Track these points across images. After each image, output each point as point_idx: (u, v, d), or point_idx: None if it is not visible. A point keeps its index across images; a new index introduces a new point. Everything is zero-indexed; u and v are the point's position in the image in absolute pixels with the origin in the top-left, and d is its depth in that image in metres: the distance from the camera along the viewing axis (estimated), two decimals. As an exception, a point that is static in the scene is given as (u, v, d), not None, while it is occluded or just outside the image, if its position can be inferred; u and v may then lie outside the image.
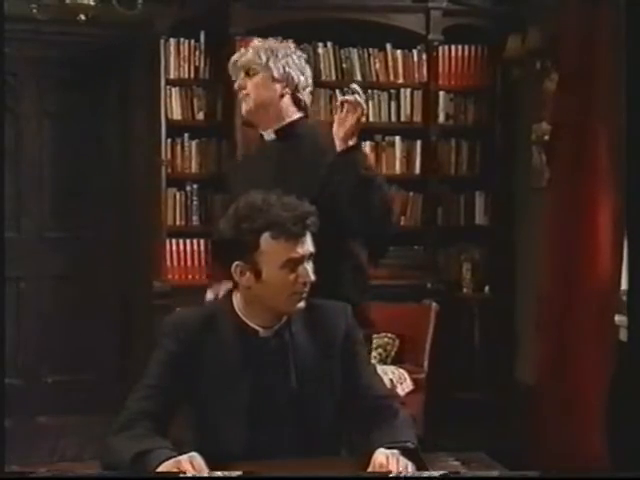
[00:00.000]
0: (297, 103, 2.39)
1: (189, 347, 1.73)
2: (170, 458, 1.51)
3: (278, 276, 1.69)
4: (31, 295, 4.39)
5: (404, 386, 3.48)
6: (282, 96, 2.35)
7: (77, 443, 3.74)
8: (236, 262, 1.72)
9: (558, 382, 3.49)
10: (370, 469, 1.55)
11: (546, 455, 3.30)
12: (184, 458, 1.49)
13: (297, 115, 2.39)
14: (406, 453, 1.58)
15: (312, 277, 1.72)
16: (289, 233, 1.68)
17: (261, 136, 2.41)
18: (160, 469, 1.48)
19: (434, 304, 3.83)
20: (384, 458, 1.54)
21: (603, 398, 3.12)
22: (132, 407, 1.68)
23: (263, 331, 1.76)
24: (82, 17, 3.19)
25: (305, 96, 2.42)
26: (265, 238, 1.68)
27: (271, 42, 2.41)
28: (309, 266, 1.72)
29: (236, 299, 1.78)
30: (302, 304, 1.75)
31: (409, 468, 1.54)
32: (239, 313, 1.77)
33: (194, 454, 1.51)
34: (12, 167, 4.20)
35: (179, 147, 4.17)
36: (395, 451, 1.57)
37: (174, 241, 4.14)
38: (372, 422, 1.70)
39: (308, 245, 1.72)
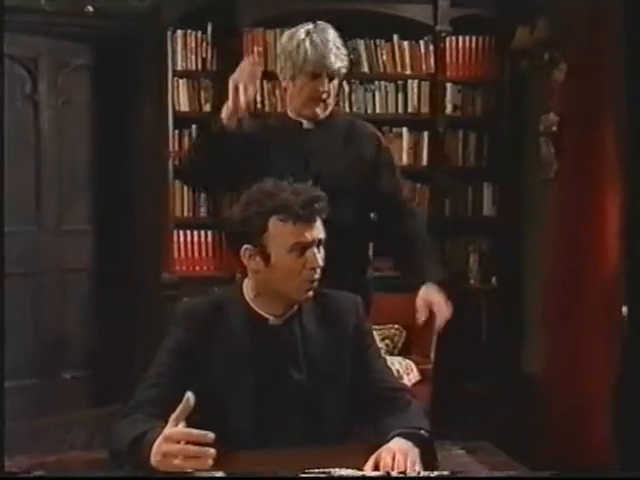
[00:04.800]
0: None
1: (198, 335, 1.73)
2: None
3: (286, 260, 1.70)
4: (47, 288, 4.40)
5: (411, 377, 3.49)
6: None
7: (86, 434, 3.76)
8: (245, 246, 1.72)
9: (565, 374, 3.49)
10: (370, 465, 1.53)
11: (552, 447, 3.31)
12: (165, 432, 1.48)
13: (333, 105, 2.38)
14: (419, 443, 1.58)
15: (321, 263, 1.72)
16: (297, 216, 1.68)
17: (294, 121, 2.36)
18: (153, 449, 1.48)
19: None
20: (390, 458, 1.52)
21: (610, 390, 3.13)
22: (139, 395, 1.69)
23: (273, 319, 1.77)
24: (90, 9, 3.20)
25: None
26: (273, 221, 1.69)
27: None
28: (318, 252, 1.72)
29: (246, 287, 1.79)
30: (311, 293, 1.75)
31: (417, 465, 1.53)
32: (249, 301, 1.77)
33: (171, 429, 1.48)
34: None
35: (186, 139, 4.18)
36: (405, 442, 1.57)
37: (182, 232, 4.16)
38: (384, 411, 1.71)
39: (318, 231, 1.71)
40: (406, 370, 3.49)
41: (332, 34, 2.29)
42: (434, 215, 4.32)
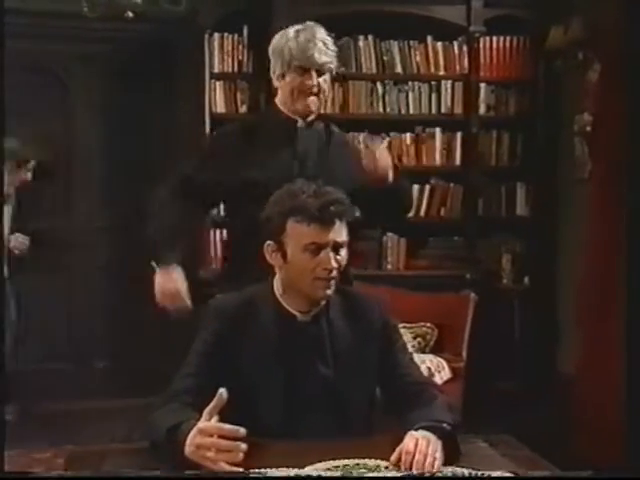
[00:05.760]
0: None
1: (230, 329, 1.80)
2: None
3: (301, 259, 1.77)
4: (81, 283, 4.54)
5: (442, 374, 3.52)
6: None
7: (126, 425, 3.86)
8: (268, 242, 1.82)
9: (598, 373, 3.49)
10: (396, 454, 1.59)
11: (583, 446, 3.31)
12: (199, 425, 1.55)
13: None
14: (442, 435, 1.63)
15: (334, 264, 1.76)
16: (312, 218, 1.74)
17: (290, 119, 2.38)
18: (188, 440, 1.55)
19: (473, 294, 3.86)
20: (412, 444, 1.57)
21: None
22: (175, 384, 1.77)
23: (301, 316, 1.83)
24: (130, 14, 3.30)
25: None
26: (291, 221, 1.77)
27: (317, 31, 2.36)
28: (334, 254, 1.77)
29: (276, 284, 1.86)
30: (330, 291, 1.80)
31: (438, 454, 1.57)
32: (278, 298, 1.84)
33: (204, 423, 1.55)
34: (63, 160, 4.36)
35: (223, 139, 4.27)
36: (428, 433, 1.61)
37: (218, 231, 4.23)
38: (409, 405, 1.76)
39: (335, 233, 1.77)
40: (437, 368, 3.52)
41: (320, 32, 2.34)
42: (467, 215, 4.35)
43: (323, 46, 2.32)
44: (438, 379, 3.45)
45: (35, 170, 3.98)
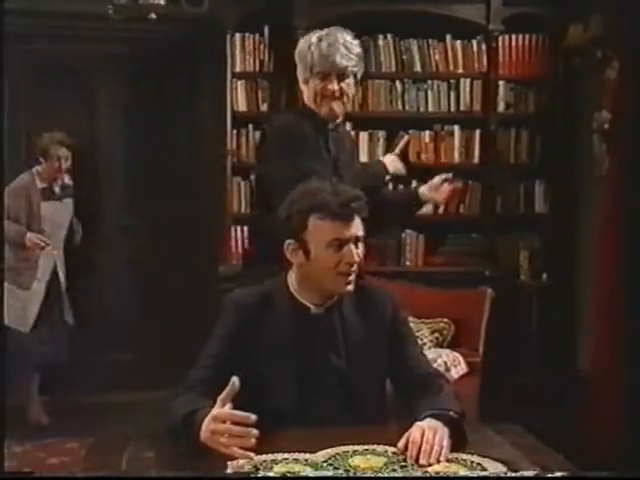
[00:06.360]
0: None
1: (247, 322, 1.87)
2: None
3: (324, 255, 1.82)
4: (109, 280, 4.64)
5: (458, 369, 3.56)
6: None
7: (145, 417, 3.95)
8: (288, 240, 1.87)
9: (615, 370, 3.50)
10: (403, 441, 1.65)
11: (600, 443, 3.33)
12: (213, 412, 1.61)
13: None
14: (448, 422, 1.68)
15: (356, 258, 1.83)
16: (335, 215, 1.80)
17: (323, 121, 2.45)
18: (203, 426, 1.62)
19: (489, 290, 3.89)
20: (419, 434, 1.63)
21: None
22: (192, 374, 1.84)
23: (314, 308, 1.89)
24: (153, 16, 3.37)
25: None
26: (313, 219, 1.82)
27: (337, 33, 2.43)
28: (355, 248, 1.84)
29: (290, 278, 1.92)
30: (350, 287, 1.86)
31: (445, 442, 1.63)
32: (293, 291, 1.91)
33: (218, 410, 1.61)
34: (88, 158, 4.45)
35: (244, 138, 4.33)
36: (434, 422, 1.67)
37: (239, 227, 4.30)
38: (417, 395, 1.81)
39: (355, 228, 1.83)
40: (453, 362, 3.56)
41: (342, 37, 2.39)
42: (486, 212, 4.38)
43: (345, 50, 2.37)
44: (454, 373, 3.49)
45: (69, 166, 4.02)
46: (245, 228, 4.30)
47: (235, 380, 1.62)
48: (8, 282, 3.90)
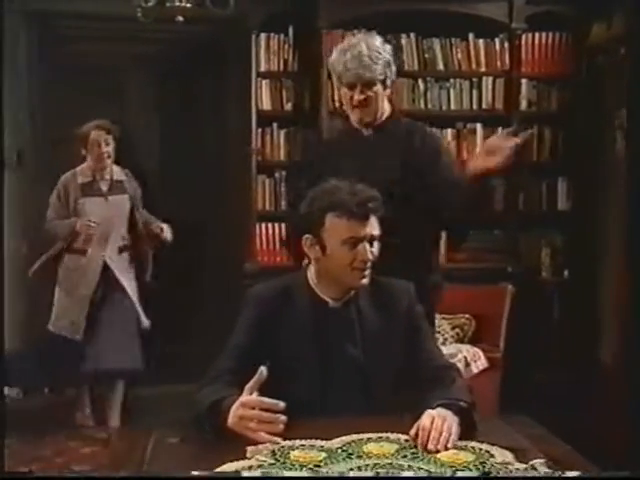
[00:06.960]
0: (389, 98, 2.56)
1: (268, 315, 1.96)
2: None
3: (339, 252, 1.91)
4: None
5: (478, 364, 3.61)
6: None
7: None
8: (306, 235, 1.95)
9: (637, 367, 3.52)
10: (414, 429, 1.72)
11: (620, 439, 3.34)
12: (242, 398, 1.70)
13: (389, 110, 2.54)
14: (458, 411, 1.75)
15: (370, 257, 1.91)
16: (351, 214, 1.88)
17: (355, 129, 2.53)
18: (230, 412, 1.71)
19: (510, 286, 3.93)
20: (429, 421, 1.70)
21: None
22: (217, 365, 1.93)
23: (332, 302, 1.98)
24: (180, 18, 3.46)
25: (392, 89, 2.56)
26: (330, 217, 1.91)
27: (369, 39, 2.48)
28: (370, 247, 1.91)
29: (310, 273, 2.01)
30: (365, 281, 1.94)
31: (453, 429, 1.70)
32: (312, 285, 1.99)
33: (247, 397, 1.70)
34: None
35: (269, 136, 4.39)
36: (444, 410, 1.73)
37: (264, 225, 4.37)
38: (431, 387, 1.88)
39: (371, 227, 1.91)
40: (473, 357, 3.61)
41: (366, 47, 2.43)
42: (508, 209, 4.41)
43: (368, 61, 2.42)
44: (474, 368, 3.54)
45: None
46: (270, 225, 4.39)
47: (263, 369, 1.71)
48: (59, 288, 3.86)
